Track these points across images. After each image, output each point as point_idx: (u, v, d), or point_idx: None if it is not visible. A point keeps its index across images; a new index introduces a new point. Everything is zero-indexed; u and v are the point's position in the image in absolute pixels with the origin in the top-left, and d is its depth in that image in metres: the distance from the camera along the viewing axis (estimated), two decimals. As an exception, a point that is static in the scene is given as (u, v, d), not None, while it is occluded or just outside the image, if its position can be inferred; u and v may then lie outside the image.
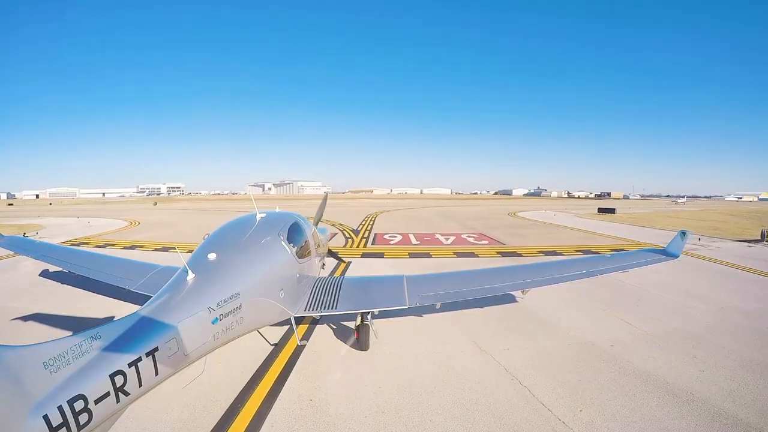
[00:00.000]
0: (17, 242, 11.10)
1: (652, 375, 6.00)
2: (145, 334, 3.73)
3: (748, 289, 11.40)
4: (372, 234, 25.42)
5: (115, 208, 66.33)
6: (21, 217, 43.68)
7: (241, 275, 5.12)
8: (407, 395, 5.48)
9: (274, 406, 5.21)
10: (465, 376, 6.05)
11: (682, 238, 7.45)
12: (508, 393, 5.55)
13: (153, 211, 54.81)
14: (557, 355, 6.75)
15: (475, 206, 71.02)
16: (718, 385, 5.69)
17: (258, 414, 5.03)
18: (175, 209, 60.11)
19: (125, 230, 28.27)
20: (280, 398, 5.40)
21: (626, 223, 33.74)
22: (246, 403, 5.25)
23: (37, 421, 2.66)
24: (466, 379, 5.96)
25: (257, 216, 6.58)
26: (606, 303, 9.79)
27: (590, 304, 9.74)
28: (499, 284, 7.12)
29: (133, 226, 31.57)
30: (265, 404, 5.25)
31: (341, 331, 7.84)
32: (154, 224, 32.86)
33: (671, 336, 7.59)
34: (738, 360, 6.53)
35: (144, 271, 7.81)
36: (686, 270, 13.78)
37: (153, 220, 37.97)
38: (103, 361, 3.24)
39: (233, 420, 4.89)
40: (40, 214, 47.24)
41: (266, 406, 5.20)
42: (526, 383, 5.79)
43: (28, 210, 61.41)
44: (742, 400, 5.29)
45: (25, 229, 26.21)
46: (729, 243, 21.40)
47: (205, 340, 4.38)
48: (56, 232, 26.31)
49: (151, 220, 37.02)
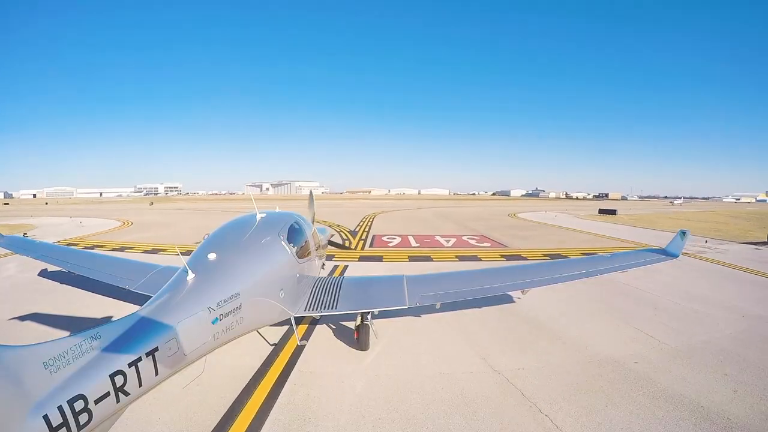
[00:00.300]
0: (17, 242, 11.11)
1: (684, 398, 5.46)
2: (145, 334, 3.71)
3: (766, 295, 10.93)
4: (370, 236, 24.74)
5: (110, 207, 66.00)
6: (15, 216, 43.35)
7: (241, 275, 5.10)
8: (406, 395, 5.47)
9: (274, 407, 5.19)
10: (466, 378, 6.06)
11: (681, 238, 7.49)
12: (505, 396, 5.56)
13: (148, 211, 54.13)
14: (577, 373, 6.19)
15: (474, 207, 70.58)
16: (754, 407, 5.23)
17: (258, 415, 5.01)
18: (171, 209, 59.23)
19: (117, 231, 27.90)
20: (280, 399, 5.38)
21: (629, 225, 33.28)
22: (246, 404, 5.23)
23: (37, 421, 2.65)
24: (468, 381, 5.97)
25: (257, 216, 6.57)
26: (622, 312, 9.21)
27: (608, 313, 9.15)
28: (499, 284, 7.12)
29: (126, 226, 31.11)
30: (265, 405, 5.23)
31: (341, 331, 7.82)
32: (147, 225, 32.16)
33: (697, 350, 7.08)
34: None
35: (144, 271, 7.79)
36: (699, 274, 13.51)
37: (147, 220, 37.26)
38: (103, 361, 3.23)
39: (233, 421, 4.87)
40: (33, 214, 46.95)
41: (266, 407, 5.18)
42: (534, 400, 5.45)
43: (23, 209, 60.96)
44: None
45: (16, 229, 25.90)
46: (735, 245, 21.06)
47: (205, 340, 4.36)
48: (48, 232, 26.07)
49: (145, 221, 36.29)
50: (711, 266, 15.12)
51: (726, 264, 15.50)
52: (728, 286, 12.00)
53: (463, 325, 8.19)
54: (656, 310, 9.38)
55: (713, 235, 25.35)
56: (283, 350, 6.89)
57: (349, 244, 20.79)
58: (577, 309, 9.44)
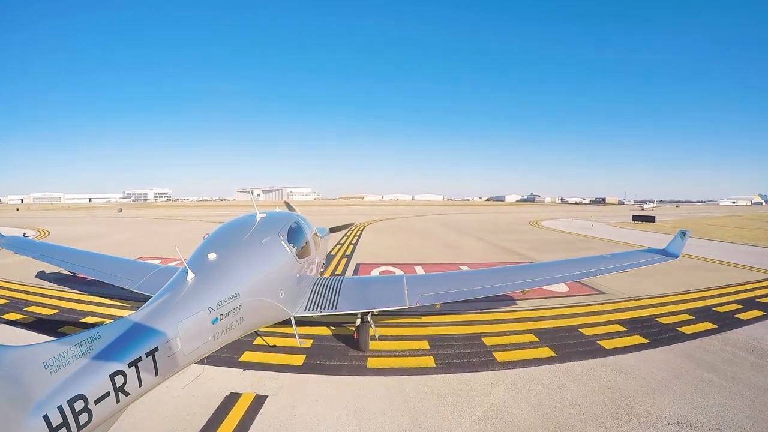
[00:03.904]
0: (17, 242, 11.12)
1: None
2: (145, 334, 3.68)
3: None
4: (352, 263, 15.67)
5: (75, 214, 62.22)
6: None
7: (241, 275, 5.08)
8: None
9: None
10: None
11: (681, 238, 7.63)
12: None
13: (91, 220, 46.29)
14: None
15: (480, 214, 63.30)
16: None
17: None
18: (138, 217, 51.04)
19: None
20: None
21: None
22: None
23: (37, 421, 2.63)
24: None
25: (257, 216, 6.55)
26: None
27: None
28: (499, 284, 7.14)
29: (42, 236, 26.35)
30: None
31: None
32: (70, 237, 25.31)
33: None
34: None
35: (144, 271, 7.77)
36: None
37: (75, 231, 30.27)
38: (103, 361, 3.21)
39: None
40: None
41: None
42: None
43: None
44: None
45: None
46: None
47: (205, 340, 4.33)
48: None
49: (71, 232, 29.48)
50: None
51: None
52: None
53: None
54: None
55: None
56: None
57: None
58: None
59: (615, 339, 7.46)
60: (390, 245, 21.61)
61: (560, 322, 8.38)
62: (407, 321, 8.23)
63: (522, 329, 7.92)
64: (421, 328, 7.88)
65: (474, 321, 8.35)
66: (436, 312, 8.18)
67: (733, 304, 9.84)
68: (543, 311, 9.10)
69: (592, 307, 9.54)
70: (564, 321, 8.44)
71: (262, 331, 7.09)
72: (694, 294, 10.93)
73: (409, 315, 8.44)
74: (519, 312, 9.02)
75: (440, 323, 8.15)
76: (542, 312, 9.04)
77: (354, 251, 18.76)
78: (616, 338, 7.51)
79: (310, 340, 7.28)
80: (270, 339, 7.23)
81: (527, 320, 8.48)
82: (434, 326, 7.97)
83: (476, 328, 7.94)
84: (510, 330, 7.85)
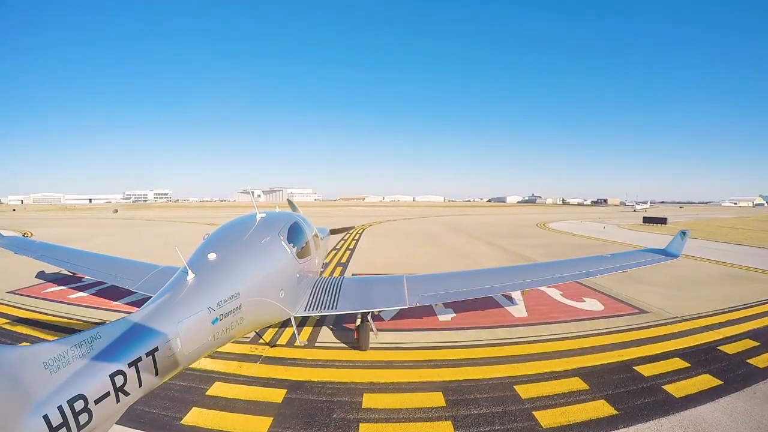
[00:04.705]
0: (17, 242, 11.15)
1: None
2: (145, 334, 3.68)
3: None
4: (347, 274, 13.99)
5: (71, 215, 61.81)
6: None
7: (241, 275, 5.08)
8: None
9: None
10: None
11: (681, 238, 7.63)
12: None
13: (77, 221, 45.44)
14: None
15: (484, 215, 61.02)
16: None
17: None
18: (130, 219, 50.19)
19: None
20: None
21: (702, 239, 25.65)
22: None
23: (37, 421, 2.62)
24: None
25: (257, 216, 6.55)
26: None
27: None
28: (499, 284, 7.14)
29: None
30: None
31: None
32: (44, 238, 22.49)
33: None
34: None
35: (144, 271, 7.77)
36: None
37: (58, 233, 29.06)
38: (103, 361, 3.20)
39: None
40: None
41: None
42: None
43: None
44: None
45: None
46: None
47: (205, 340, 4.33)
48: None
49: (55, 234, 28.42)
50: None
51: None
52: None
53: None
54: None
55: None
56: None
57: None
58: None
59: (682, 381, 5.76)
60: (389, 250, 20.35)
61: (607, 356, 6.63)
62: (412, 360, 6.50)
63: (563, 369, 6.18)
64: (433, 371, 6.08)
65: (499, 358, 6.59)
66: (447, 345, 7.09)
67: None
68: (581, 340, 7.37)
69: (639, 332, 7.79)
70: (611, 355, 6.69)
71: (226, 374, 5.93)
72: (747, 311, 9.20)
73: (415, 348, 7.00)
74: (553, 342, 7.29)
75: (456, 362, 6.44)
76: (580, 341, 7.30)
77: (351, 256, 17.71)
78: (683, 379, 5.81)
79: (283, 390, 5.47)
80: (230, 388, 5.53)
81: (566, 354, 6.74)
82: (448, 366, 6.26)
83: (504, 369, 6.19)
84: (549, 372, 6.07)
